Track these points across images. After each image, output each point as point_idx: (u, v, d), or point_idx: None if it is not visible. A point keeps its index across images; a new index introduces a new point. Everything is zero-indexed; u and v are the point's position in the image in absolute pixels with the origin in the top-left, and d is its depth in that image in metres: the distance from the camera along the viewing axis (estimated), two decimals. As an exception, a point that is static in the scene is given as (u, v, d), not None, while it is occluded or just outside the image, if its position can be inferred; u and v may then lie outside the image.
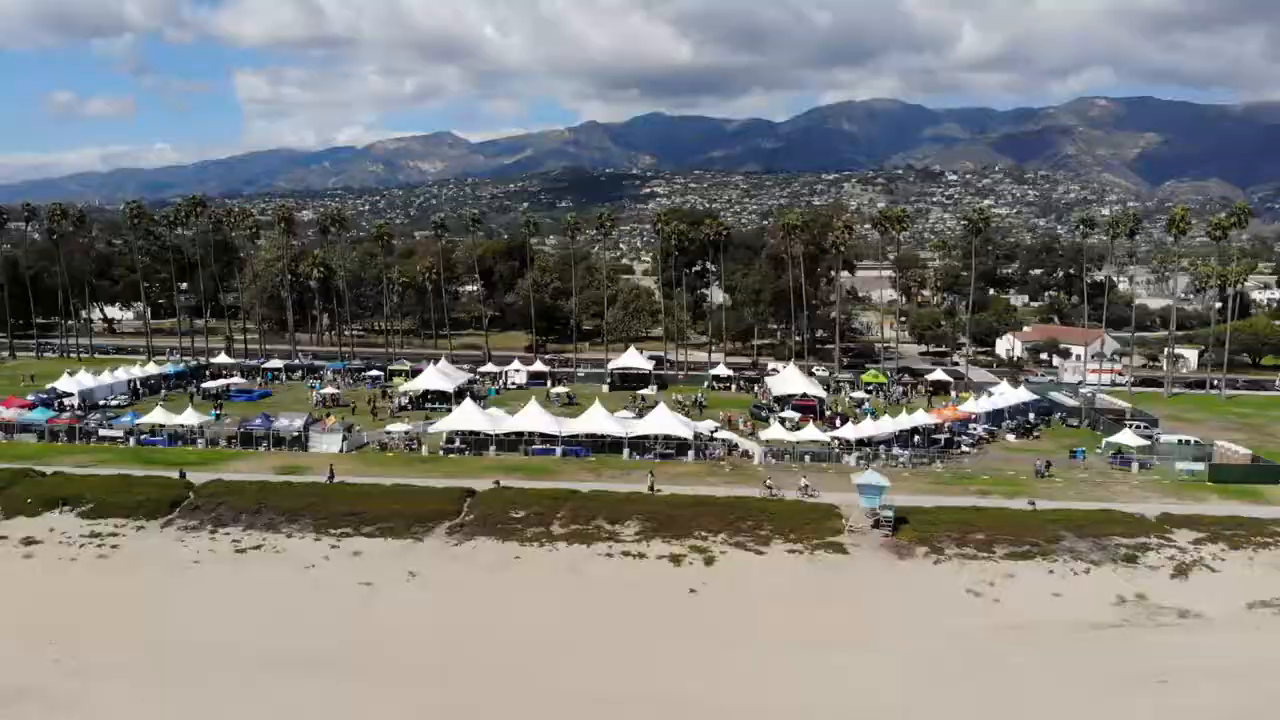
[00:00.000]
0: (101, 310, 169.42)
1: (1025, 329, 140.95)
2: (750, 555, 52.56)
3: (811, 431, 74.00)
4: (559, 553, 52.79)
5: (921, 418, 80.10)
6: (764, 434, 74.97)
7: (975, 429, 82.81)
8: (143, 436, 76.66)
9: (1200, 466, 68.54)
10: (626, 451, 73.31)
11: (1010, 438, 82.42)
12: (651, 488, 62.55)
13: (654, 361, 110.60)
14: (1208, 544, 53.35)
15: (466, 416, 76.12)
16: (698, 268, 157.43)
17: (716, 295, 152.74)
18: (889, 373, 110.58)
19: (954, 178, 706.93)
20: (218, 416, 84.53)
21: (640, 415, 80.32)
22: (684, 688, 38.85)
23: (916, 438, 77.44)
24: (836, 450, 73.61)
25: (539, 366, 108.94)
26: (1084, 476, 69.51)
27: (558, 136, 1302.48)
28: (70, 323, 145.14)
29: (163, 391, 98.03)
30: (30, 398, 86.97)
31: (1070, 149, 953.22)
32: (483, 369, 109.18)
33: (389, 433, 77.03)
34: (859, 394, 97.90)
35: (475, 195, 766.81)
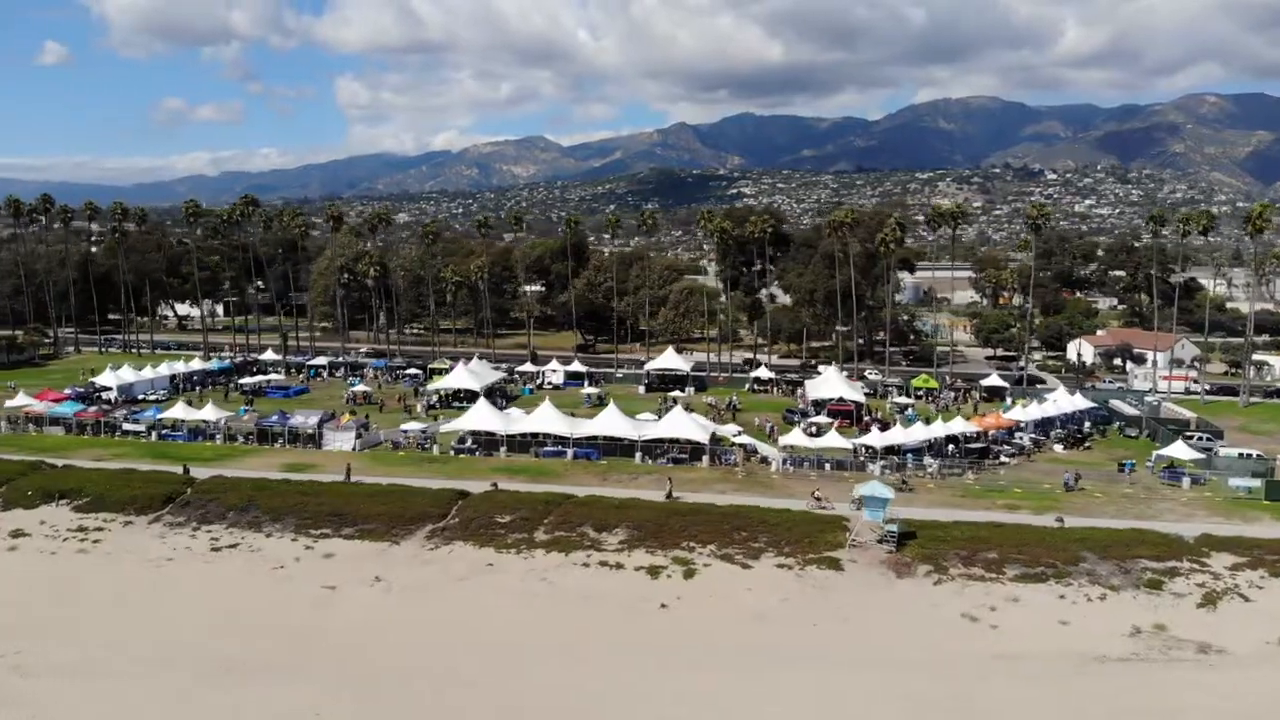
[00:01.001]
0: (172, 307, 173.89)
1: (1099, 332, 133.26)
2: (735, 569, 49.35)
3: (833, 438, 70.15)
4: (534, 561, 50.43)
5: (959, 425, 75.40)
6: (783, 439, 71.41)
7: (1021, 438, 77.72)
8: (164, 431, 77.15)
9: (1257, 483, 62.46)
10: (639, 455, 70.62)
11: (1058, 448, 77.01)
12: (669, 495, 59.74)
13: (693, 362, 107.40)
14: (1246, 570, 48.05)
15: (479, 416, 74.46)
16: (757, 267, 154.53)
17: (781, 296, 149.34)
18: (943, 377, 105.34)
19: (1053, 177, 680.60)
20: (246, 412, 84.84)
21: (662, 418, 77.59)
22: (630, 709, 36.16)
23: (952, 447, 72.91)
24: (862, 459, 69.61)
25: (577, 367, 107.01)
26: (1128, 492, 64.13)
27: (646, 139, 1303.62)
28: (144, 319, 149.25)
29: (197, 388, 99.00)
30: (68, 391, 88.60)
31: (1178, 147, 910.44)
32: (521, 368, 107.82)
33: (405, 432, 75.85)
34: (903, 399, 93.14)
35: (564, 198, 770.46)
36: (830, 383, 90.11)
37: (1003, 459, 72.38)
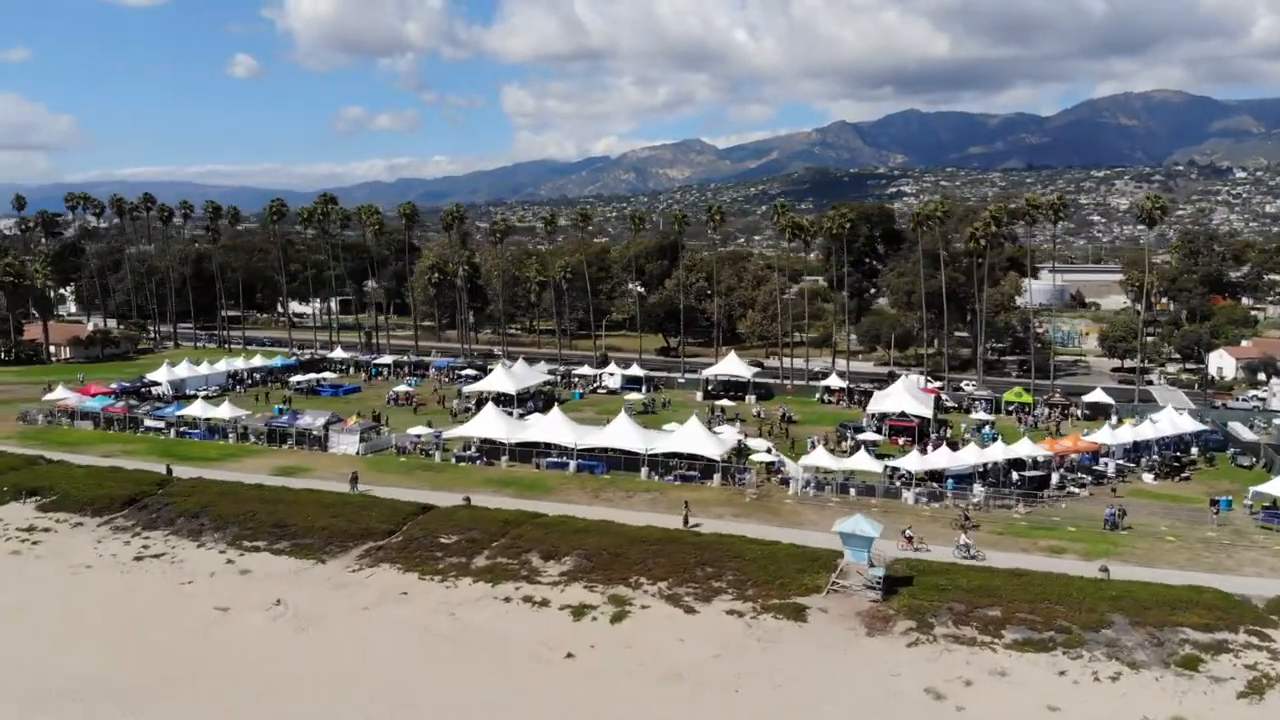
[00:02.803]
0: (283, 304, 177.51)
1: (1243, 343, 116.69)
2: (676, 613, 42.23)
3: (861, 458, 61.42)
4: (455, 591, 44.80)
5: (1025, 448, 65.23)
6: (805, 459, 63.18)
7: (1105, 465, 66.69)
8: (182, 429, 75.92)
9: (1376, 534, 50.28)
10: (645, 470, 63.98)
11: (1148, 478, 65.53)
12: (686, 522, 52.77)
13: (757, 368, 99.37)
14: (1320, 651, 37.44)
15: (487, 423, 69.57)
16: (866, 266, 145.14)
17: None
18: (1043, 391, 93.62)
19: (1243, 175, 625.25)
20: (282, 411, 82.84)
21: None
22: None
23: (1015, 474, 62.90)
24: (896, 484, 60.72)
25: (635, 371, 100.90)
26: (1210, 536, 52.95)
27: (804, 138, 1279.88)
28: (263, 315, 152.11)
29: (237, 387, 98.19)
30: (114, 385, 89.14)
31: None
32: (579, 371, 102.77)
33: (418, 436, 71.86)
34: (980, 415, 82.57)
35: (715, 199, 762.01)
36: (895, 395, 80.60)
37: (1070, 489, 61.88)
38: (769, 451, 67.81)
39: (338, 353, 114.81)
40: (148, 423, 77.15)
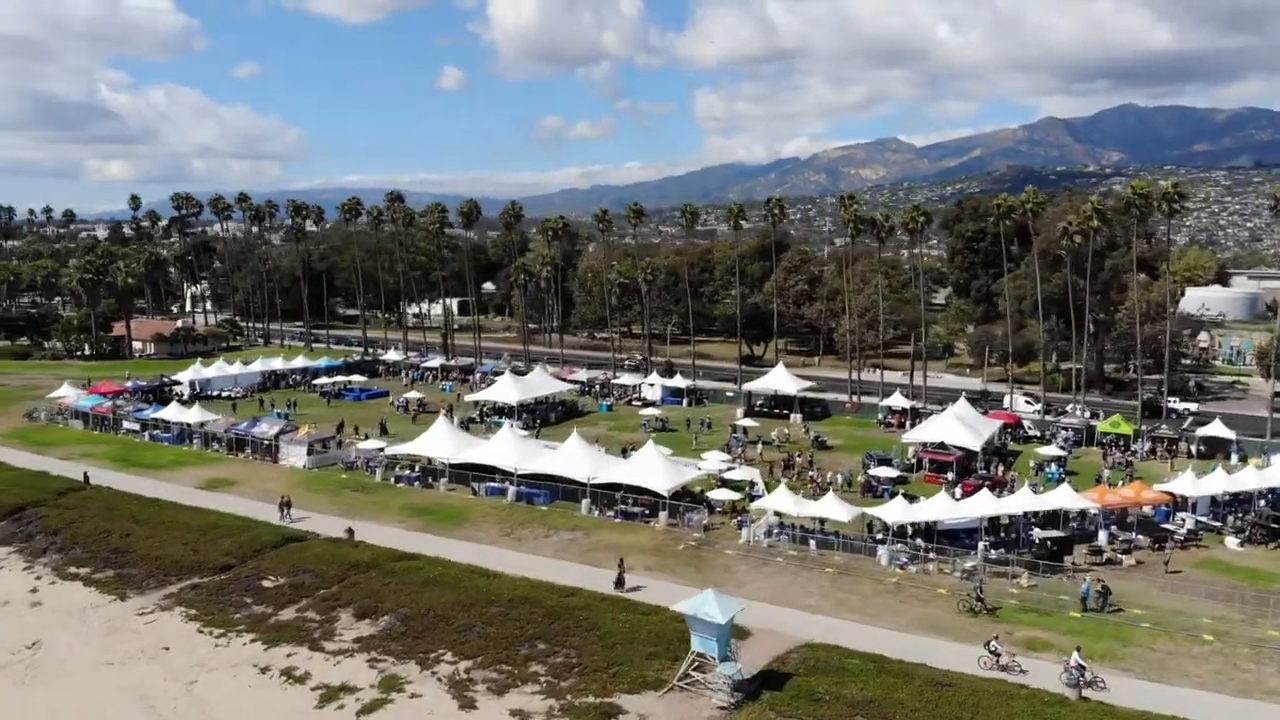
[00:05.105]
0: (386, 306, 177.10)
1: None
2: (449, 708, 32.76)
3: (829, 505, 49.29)
4: (222, 651, 37.07)
5: (1061, 498, 51.28)
6: (761, 501, 51.63)
7: (1182, 522, 51.75)
8: (154, 432, 72.64)
9: None
10: (585, 504, 54.44)
11: (1231, 542, 50.11)
12: (620, 582, 42.77)
13: (809, 383, 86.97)
14: None
15: (434, 440, 61.87)
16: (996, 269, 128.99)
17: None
18: (1154, 420, 77.01)
19: None
20: (283, 416, 78.63)
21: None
22: None
23: (1036, 531, 49.48)
24: (874, 540, 48.57)
25: (679, 381, 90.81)
26: (1272, 635, 38.27)
27: (1009, 135, 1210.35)
28: (385, 315, 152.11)
29: (267, 388, 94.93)
30: (129, 385, 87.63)
31: None
32: (618, 380, 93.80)
33: (379, 451, 65.17)
34: (1053, 449, 67.54)
35: (908, 199, 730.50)
36: (940, 422, 67.08)
37: (1113, 555, 47.68)
38: (750, 485, 56.85)
39: (390, 354, 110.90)
40: (125, 424, 74.37)
